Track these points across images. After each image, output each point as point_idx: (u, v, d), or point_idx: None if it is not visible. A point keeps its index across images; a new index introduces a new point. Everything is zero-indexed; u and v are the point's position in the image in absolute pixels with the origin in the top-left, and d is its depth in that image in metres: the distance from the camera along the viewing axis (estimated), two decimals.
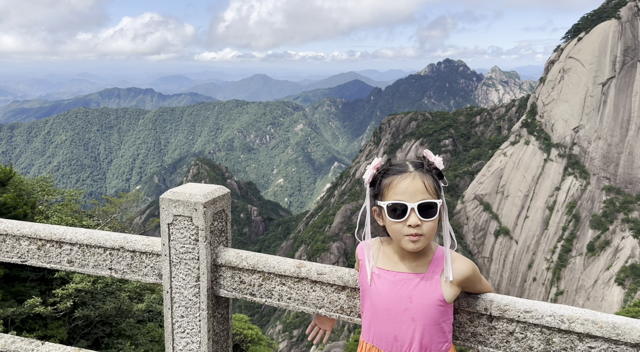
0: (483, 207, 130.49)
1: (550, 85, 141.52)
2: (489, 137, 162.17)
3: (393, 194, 2.41)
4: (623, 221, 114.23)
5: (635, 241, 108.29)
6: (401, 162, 2.52)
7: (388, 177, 2.47)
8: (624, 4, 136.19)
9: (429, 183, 2.41)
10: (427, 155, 2.56)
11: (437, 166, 2.50)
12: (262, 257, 3.19)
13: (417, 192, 2.38)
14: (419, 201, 2.36)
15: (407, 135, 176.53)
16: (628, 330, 2.37)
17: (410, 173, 2.43)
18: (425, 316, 2.47)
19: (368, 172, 2.57)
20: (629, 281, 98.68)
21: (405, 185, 2.39)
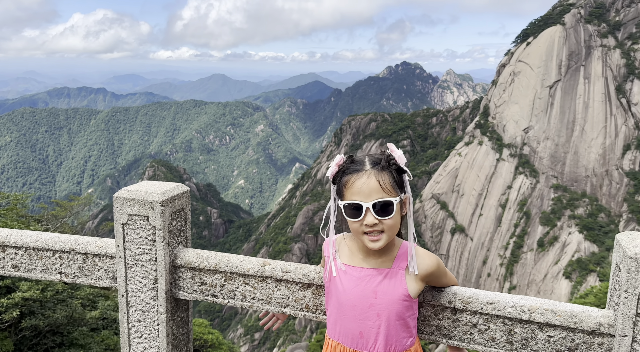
0: (440, 206, 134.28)
1: (501, 88, 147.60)
2: (445, 138, 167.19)
3: (350, 193, 2.39)
4: (570, 217, 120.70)
5: (581, 236, 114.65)
6: (360, 160, 2.49)
7: (345, 176, 2.46)
8: (568, 10, 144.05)
9: (385, 181, 2.38)
10: (391, 149, 2.53)
11: (398, 162, 2.45)
12: (224, 257, 3.09)
13: (372, 191, 2.35)
14: (374, 201, 2.34)
15: (367, 136, 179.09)
16: (584, 318, 2.45)
17: (366, 172, 2.39)
18: (390, 311, 2.47)
19: (331, 169, 2.55)
20: (575, 275, 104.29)
21: (360, 184, 2.36)
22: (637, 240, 2.38)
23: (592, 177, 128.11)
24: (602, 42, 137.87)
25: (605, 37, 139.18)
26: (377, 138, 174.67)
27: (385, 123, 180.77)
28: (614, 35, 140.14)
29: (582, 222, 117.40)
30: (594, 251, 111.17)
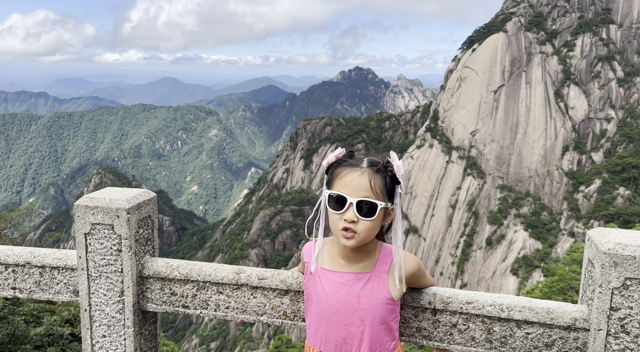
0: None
1: (449, 93, 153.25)
2: (398, 142, 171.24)
3: (339, 185, 2.37)
4: (515, 215, 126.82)
5: (526, 233, 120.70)
6: (359, 157, 2.49)
7: (339, 167, 2.43)
8: (510, 19, 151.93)
9: (376, 183, 2.35)
10: (392, 157, 2.50)
11: (395, 171, 2.43)
12: (196, 266, 2.95)
13: (360, 188, 2.32)
14: (359, 198, 2.31)
15: (323, 140, 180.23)
16: (560, 314, 2.49)
17: (361, 169, 2.37)
18: (374, 316, 2.43)
19: (328, 158, 2.51)
20: (521, 271, 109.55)
21: (351, 178, 2.35)
22: (609, 236, 2.44)
23: (535, 177, 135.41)
24: (541, 49, 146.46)
25: (543, 45, 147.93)
26: (332, 142, 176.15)
27: (341, 127, 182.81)
28: (551, 43, 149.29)
29: (526, 221, 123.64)
30: (538, 248, 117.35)
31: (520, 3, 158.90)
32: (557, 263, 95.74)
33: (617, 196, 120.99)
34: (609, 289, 2.33)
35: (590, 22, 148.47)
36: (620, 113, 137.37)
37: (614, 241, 2.36)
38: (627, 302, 2.32)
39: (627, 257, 2.28)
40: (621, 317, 2.34)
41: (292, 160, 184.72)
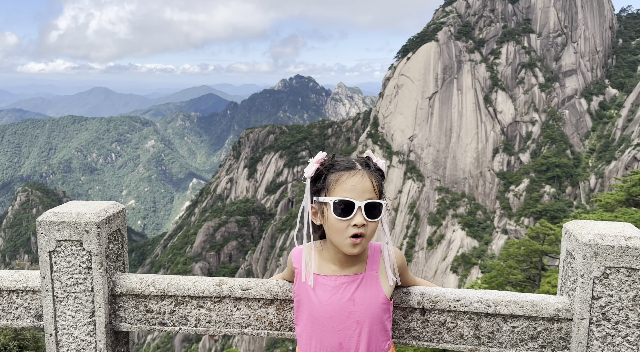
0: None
1: (387, 100, 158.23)
2: (341, 148, 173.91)
3: (341, 190, 2.26)
4: (453, 216, 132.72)
5: (463, 232, 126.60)
6: (346, 159, 2.42)
7: (335, 172, 2.32)
8: (440, 28, 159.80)
9: (376, 183, 2.33)
10: (370, 156, 2.46)
11: (381, 168, 2.43)
12: (174, 280, 2.81)
13: (365, 190, 2.27)
14: (367, 200, 2.26)
15: (267, 148, 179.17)
16: (544, 306, 2.57)
17: (359, 171, 2.31)
18: (370, 317, 2.39)
19: (311, 166, 2.38)
20: (461, 268, 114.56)
21: (355, 182, 2.27)
22: (587, 228, 2.53)
23: (469, 179, 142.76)
24: (470, 57, 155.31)
25: (472, 53, 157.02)
26: (276, 150, 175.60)
27: (284, 135, 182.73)
28: (479, 51, 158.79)
29: (463, 220, 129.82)
30: (475, 246, 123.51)
31: (450, 13, 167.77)
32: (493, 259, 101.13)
33: (544, 193, 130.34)
34: (590, 279, 2.42)
35: (513, 32, 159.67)
36: (543, 116, 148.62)
37: (593, 232, 2.46)
38: (608, 290, 2.42)
39: (606, 247, 2.39)
40: (602, 305, 2.44)
41: (236, 169, 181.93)
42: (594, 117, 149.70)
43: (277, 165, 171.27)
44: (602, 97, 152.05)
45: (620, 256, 2.40)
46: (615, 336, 2.46)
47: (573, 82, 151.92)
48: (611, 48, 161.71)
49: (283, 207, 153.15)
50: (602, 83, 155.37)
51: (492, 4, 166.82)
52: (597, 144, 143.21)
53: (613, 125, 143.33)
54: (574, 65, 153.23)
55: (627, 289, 2.42)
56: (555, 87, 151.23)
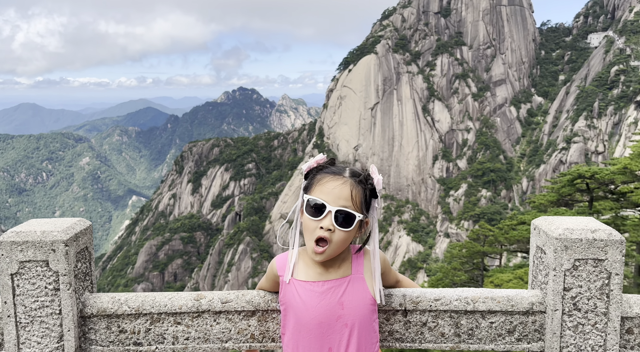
0: (289, 225, 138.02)
1: (332, 111, 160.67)
2: (287, 159, 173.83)
3: (319, 191, 2.33)
4: (398, 222, 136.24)
5: (408, 238, 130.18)
6: (341, 165, 2.45)
7: (321, 173, 2.40)
8: (379, 41, 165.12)
9: (357, 194, 2.32)
10: (372, 171, 2.44)
11: (375, 184, 2.40)
12: (149, 297, 2.67)
13: (341, 197, 2.29)
14: (339, 207, 2.28)
15: (211, 161, 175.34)
16: (519, 300, 2.67)
17: (343, 178, 2.35)
18: (359, 319, 2.39)
19: (309, 163, 2.47)
20: (407, 273, 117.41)
21: (332, 186, 2.31)
22: (556, 223, 2.65)
23: (412, 186, 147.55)
24: (407, 69, 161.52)
25: (409, 65, 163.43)
26: (221, 163, 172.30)
27: (229, 148, 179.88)
28: (416, 63, 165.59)
29: (408, 226, 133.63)
30: (420, 250, 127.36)
31: (387, 27, 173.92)
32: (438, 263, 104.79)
33: (481, 197, 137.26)
34: (562, 272, 2.55)
35: (446, 44, 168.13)
36: (477, 124, 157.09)
37: (562, 227, 2.59)
38: (577, 281, 2.56)
39: (575, 241, 2.52)
40: (573, 296, 2.58)
41: (179, 184, 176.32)
42: (523, 124, 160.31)
43: (222, 179, 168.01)
44: (530, 105, 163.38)
45: (588, 248, 2.53)
46: (585, 324, 2.59)
47: (503, 91, 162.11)
48: (535, 59, 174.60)
49: (230, 222, 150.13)
50: (529, 92, 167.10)
51: (426, 17, 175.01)
52: (527, 149, 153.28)
53: (540, 131, 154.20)
54: (503, 76, 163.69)
55: (594, 279, 2.55)
56: (486, 96, 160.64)
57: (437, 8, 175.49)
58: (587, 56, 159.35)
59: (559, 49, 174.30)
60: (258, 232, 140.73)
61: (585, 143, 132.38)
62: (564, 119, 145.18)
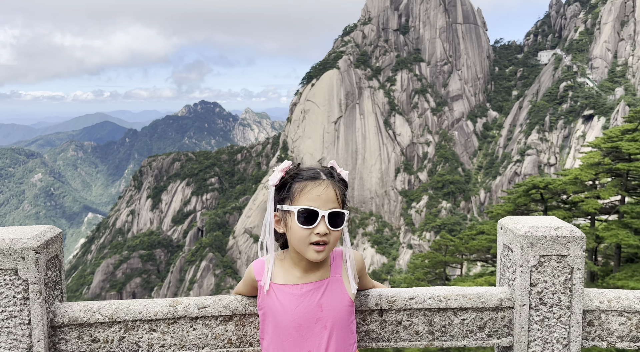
0: (253, 240, 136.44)
1: (295, 124, 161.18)
2: (251, 173, 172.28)
3: (306, 199, 2.32)
4: (363, 234, 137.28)
5: (373, 250, 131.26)
6: (312, 168, 2.47)
7: (301, 181, 2.38)
8: (341, 57, 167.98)
9: (339, 193, 2.39)
10: (334, 165, 2.53)
11: (344, 178, 2.50)
12: (123, 304, 2.60)
13: (329, 200, 2.33)
14: (330, 210, 2.32)
15: (172, 176, 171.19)
16: (489, 297, 2.76)
17: (324, 181, 2.38)
18: (337, 321, 2.42)
19: (276, 174, 2.44)
20: None
21: (319, 192, 2.33)
22: (521, 222, 2.77)
23: (376, 198, 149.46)
24: (369, 84, 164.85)
25: (371, 80, 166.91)
26: (182, 178, 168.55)
27: (191, 162, 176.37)
28: (377, 78, 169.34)
29: (372, 238, 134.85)
30: (384, 262, 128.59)
31: (348, 43, 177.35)
32: (401, 274, 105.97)
33: (442, 208, 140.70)
34: (528, 268, 2.65)
35: (405, 60, 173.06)
36: (437, 137, 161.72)
37: (528, 225, 2.70)
38: (543, 276, 2.67)
39: (540, 238, 2.63)
40: (539, 291, 2.68)
41: (138, 200, 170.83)
42: (479, 137, 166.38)
43: (184, 194, 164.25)
44: (485, 119, 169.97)
45: (552, 245, 2.64)
46: (551, 318, 2.71)
47: (460, 106, 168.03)
48: (489, 75, 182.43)
49: (192, 238, 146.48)
50: (484, 106, 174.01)
51: (386, 34, 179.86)
52: (483, 161, 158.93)
53: (496, 144, 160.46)
54: (459, 91, 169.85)
55: (558, 274, 2.68)
56: (445, 110, 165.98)
57: (396, 25, 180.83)
58: (538, 73, 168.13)
59: (511, 65, 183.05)
60: (221, 248, 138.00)
61: (538, 155, 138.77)
62: (517, 132, 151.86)
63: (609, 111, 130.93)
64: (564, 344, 2.72)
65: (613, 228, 24.41)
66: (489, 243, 30.12)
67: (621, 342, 2.76)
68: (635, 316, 2.74)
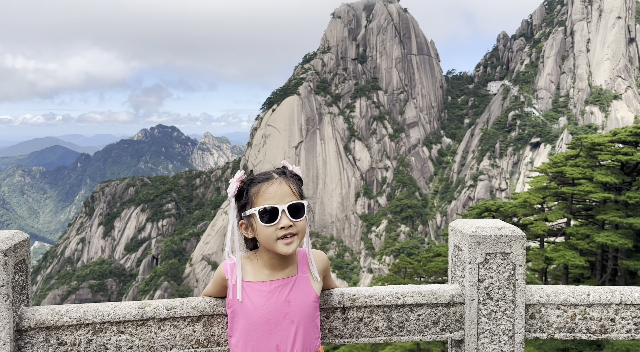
0: (211, 267, 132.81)
1: (256, 149, 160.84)
2: (210, 198, 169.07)
3: (263, 200, 2.47)
4: None
5: (334, 275, 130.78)
6: (265, 172, 2.63)
7: (255, 185, 2.53)
8: (301, 83, 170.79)
9: (294, 187, 2.54)
10: (286, 164, 2.69)
11: (297, 173, 2.66)
12: (91, 307, 2.61)
13: (285, 195, 2.48)
14: (288, 203, 2.47)
15: (126, 202, 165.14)
16: (442, 293, 2.97)
17: (276, 179, 2.53)
18: (304, 316, 2.57)
19: (232, 185, 2.58)
20: None
21: (274, 189, 2.48)
22: (469, 224, 3.02)
23: (336, 222, 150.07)
24: (329, 110, 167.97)
25: (331, 106, 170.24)
26: (137, 204, 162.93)
27: (146, 187, 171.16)
28: (337, 105, 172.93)
29: (333, 263, 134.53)
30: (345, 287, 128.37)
31: (308, 70, 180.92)
32: None
33: (400, 232, 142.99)
34: (476, 265, 2.88)
35: (364, 88, 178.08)
36: (395, 163, 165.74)
37: (475, 226, 2.95)
38: (489, 273, 2.89)
39: (486, 237, 2.87)
40: (486, 287, 2.90)
41: (89, 228, 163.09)
42: (434, 163, 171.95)
43: (138, 221, 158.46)
44: (440, 146, 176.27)
45: (496, 243, 2.87)
46: (497, 311, 2.92)
47: (416, 133, 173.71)
48: (443, 104, 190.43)
49: (146, 266, 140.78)
50: (439, 133, 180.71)
51: (344, 63, 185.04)
52: (439, 186, 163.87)
53: (450, 169, 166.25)
54: (415, 118, 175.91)
55: (503, 271, 2.90)
56: (402, 137, 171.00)
57: (354, 55, 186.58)
58: (488, 102, 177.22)
59: (463, 95, 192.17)
60: (177, 276, 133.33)
61: (490, 181, 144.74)
62: (470, 158, 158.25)
63: (554, 139, 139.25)
64: (509, 336, 2.92)
65: (561, 249, 25.67)
66: (445, 264, 30.97)
67: (559, 333, 3.00)
68: (571, 308, 2.98)
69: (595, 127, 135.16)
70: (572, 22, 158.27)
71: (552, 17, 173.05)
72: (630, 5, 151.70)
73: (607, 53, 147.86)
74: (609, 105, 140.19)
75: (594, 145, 28.57)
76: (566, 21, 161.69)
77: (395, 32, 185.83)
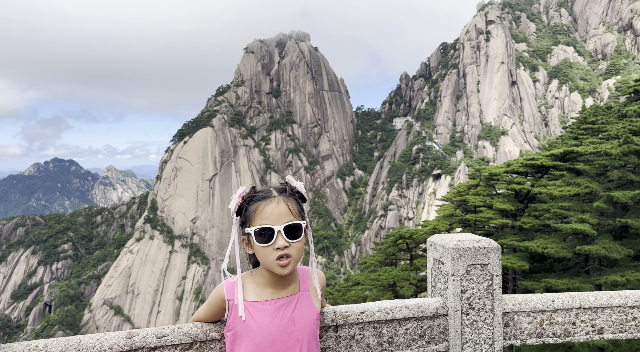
0: (114, 312, 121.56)
1: (166, 183, 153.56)
2: (113, 236, 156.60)
3: (260, 219, 2.44)
4: None
5: None
6: (265, 189, 2.58)
7: (253, 203, 2.50)
8: (215, 115, 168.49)
9: (293, 206, 2.50)
10: (289, 180, 2.64)
11: (300, 190, 2.59)
12: (73, 340, 2.43)
13: (282, 215, 2.44)
14: (285, 223, 2.43)
15: (14, 244, 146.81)
16: (427, 306, 3.04)
17: (275, 198, 2.49)
18: (308, 333, 2.54)
19: (233, 201, 2.55)
20: None
21: (271, 209, 2.44)
22: (449, 238, 3.16)
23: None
24: (244, 143, 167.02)
25: (246, 139, 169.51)
26: (27, 245, 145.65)
27: (38, 227, 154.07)
28: (252, 137, 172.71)
29: None
30: None
31: (222, 103, 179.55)
32: None
33: (317, 264, 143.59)
34: (458, 276, 2.98)
35: (279, 122, 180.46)
36: (310, 194, 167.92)
37: (455, 239, 3.09)
38: (470, 283, 3.01)
39: (466, 249, 3.01)
40: (468, 297, 3.00)
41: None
42: (348, 194, 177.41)
43: (28, 264, 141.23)
44: (352, 177, 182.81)
45: (476, 255, 3.02)
46: (478, 321, 3.03)
47: (330, 165, 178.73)
48: (354, 137, 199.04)
49: (37, 315, 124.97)
50: (351, 166, 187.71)
51: (259, 96, 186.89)
52: (353, 216, 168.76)
53: (363, 200, 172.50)
54: (329, 151, 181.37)
55: (482, 281, 3.03)
56: (317, 169, 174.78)
57: (269, 89, 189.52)
58: (394, 136, 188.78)
59: (372, 129, 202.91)
60: (74, 324, 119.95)
61: (399, 210, 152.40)
62: (380, 189, 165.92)
63: (453, 171, 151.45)
64: (490, 344, 3.05)
65: None
66: (364, 293, 31.58)
67: (530, 339, 3.18)
68: (539, 315, 3.18)
69: (488, 160, 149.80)
70: (464, 66, 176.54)
71: (447, 61, 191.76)
72: (510, 52, 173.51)
73: (494, 94, 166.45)
74: (498, 140, 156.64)
75: (491, 176, 31.52)
76: (459, 64, 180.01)
77: (307, 69, 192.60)
